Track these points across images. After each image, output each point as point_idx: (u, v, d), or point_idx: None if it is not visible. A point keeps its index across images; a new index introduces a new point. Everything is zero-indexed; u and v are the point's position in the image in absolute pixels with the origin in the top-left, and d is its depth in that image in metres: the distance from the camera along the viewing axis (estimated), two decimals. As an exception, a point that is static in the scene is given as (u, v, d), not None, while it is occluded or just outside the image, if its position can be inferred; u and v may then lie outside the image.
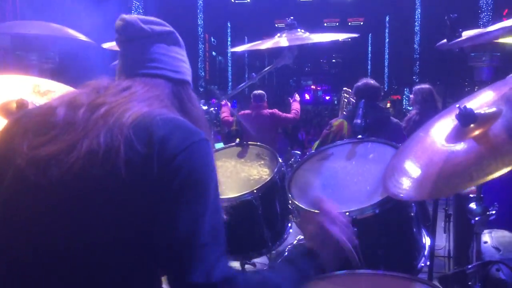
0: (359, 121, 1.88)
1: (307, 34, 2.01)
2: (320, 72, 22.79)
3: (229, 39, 18.39)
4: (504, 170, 1.06)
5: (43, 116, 1.06)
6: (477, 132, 1.34)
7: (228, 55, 18.34)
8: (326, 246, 1.17)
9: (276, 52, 2.04)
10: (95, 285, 0.95)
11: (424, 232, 1.85)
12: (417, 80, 13.81)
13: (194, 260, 0.92)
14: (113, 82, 1.14)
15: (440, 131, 1.51)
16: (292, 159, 2.06)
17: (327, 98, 19.43)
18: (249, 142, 2.13)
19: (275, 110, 5.93)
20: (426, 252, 1.78)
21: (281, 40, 2.03)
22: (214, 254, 0.95)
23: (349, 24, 19.68)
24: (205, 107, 2.30)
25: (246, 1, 16.17)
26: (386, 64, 18.54)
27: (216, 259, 0.95)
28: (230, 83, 18.34)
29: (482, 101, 1.52)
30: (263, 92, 6.08)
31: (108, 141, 0.96)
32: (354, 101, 3.69)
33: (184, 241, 0.94)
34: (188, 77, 1.24)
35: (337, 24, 19.46)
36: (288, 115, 6.01)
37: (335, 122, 3.48)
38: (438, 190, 1.24)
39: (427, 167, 1.34)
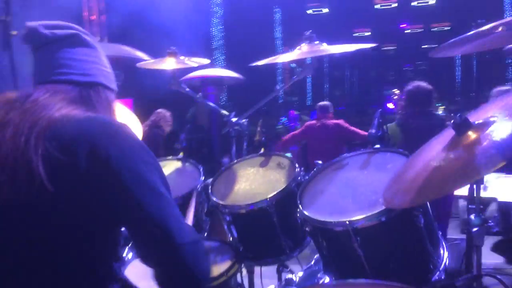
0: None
1: (325, 45, 2.05)
2: (405, 80, 22.01)
3: (308, 50, 18.44)
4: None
5: None
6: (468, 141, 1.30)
7: (307, 66, 18.34)
8: None
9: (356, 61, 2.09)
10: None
11: (443, 245, 1.79)
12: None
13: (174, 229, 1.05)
14: (18, 94, 1.15)
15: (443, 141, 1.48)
16: (315, 169, 2.08)
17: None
18: (272, 152, 2.20)
19: (341, 121, 5.87)
20: (442, 266, 1.72)
21: (301, 53, 2.08)
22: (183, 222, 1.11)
23: (433, 30, 18.80)
24: (234, 119, 2.41)
25: (323, 12, 16.16)
26: (475, 70, 17.44)
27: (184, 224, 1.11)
28: (309, 94, 18.35)
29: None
30: (328, 103, 6.09)
31: (26, 161, 1.00)
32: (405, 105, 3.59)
33: (160, 217, 1.06)
34: (102, 78, 1.23)
35: (420, 30, 18.69)
36: (358, 130, 5.80)
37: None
38: (418, 197, 1.23)
39: (415, 175, 1.33)
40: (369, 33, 17.45)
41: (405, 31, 18.30)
